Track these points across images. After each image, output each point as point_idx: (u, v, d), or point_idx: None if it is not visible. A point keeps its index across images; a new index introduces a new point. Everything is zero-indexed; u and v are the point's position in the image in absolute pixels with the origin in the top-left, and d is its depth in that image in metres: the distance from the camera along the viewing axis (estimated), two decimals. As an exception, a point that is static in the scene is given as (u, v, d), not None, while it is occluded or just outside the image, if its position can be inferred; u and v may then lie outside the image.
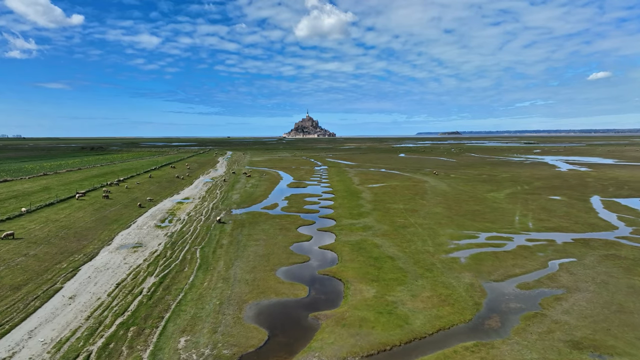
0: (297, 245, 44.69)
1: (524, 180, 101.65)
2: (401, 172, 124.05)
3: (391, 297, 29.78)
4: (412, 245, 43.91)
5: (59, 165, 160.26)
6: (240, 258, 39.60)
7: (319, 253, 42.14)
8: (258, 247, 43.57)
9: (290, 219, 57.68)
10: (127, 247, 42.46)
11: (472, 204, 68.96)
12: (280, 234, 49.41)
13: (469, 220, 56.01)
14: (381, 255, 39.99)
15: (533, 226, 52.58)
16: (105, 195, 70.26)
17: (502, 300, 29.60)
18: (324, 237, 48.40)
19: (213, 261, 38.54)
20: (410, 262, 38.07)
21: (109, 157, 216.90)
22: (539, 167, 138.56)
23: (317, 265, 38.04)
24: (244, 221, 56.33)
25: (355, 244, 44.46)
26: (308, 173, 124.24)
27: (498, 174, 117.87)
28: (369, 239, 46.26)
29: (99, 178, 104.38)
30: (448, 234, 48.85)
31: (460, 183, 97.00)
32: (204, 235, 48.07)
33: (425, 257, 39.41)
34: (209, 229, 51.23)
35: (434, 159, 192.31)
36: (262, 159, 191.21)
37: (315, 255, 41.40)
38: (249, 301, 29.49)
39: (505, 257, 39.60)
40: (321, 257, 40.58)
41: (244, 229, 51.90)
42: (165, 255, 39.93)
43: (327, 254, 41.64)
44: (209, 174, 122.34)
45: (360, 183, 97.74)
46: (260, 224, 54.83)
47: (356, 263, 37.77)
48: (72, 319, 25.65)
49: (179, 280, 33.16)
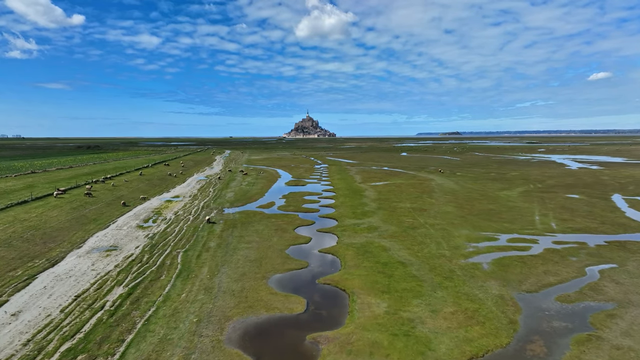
0: (294, 249, 39.39)
1: (535, 178, 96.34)
2: (405, 170, 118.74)
3: (407, 314, 24.47)
4: (424, 248, 38.59)
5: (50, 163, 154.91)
6: (228, 263, 34.31)
7: (319, 257, 36.83)
8: (250, 250, 38.28)
9: (288, 219, 52.39)
10: (100, 251, 37.15)
11: (484, 202, 63.65)
12: (275, 235, 44.12)
13: (484, 220, 50.72)
14: (391, 261, 34.68)
15: (557, 227, 47.26)
16: (88, 193, 64.99)
17: (542, 318, 24.28)
18: (324, 239, 43.10)
19: (196, 267, 33.24)
20: (425, 268, 32.76)
21: (104, 155, 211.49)
22: (547, 166, 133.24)
23: (316, 273, 32.72)
24: (236, 221, 51.04)
25: (360, 246, 39.15)
26: (307, 171, 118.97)
27: (506, 172, 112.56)
28: (376, 241, 40.96)
29: (90, 176, 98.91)
30: (464, 235, 43.55)
31: (468, 181, 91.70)
32: (190, 237, 42.78)
33: (442, 263, 34.10)
34: (196, 230, 45.94)
35: (437, 157, 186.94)
36: (260, 158, 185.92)
37: (315, 260, 36.09)
38: (233, 318, 24.19)
39: (534, 262, 34.30)
40: (321, 263, 35.26)
41: (235, 229, 46.62)
42: (141, 260, 34.61)
43: (329, 259, 36.33)
44: (204, 172, 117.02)
45: (362, 181, 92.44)
46: (254, 224, 49.55)
47: (362, 270, 32.46)
48: (5, 344, 20.33)
49: (151, 291, 27.85)
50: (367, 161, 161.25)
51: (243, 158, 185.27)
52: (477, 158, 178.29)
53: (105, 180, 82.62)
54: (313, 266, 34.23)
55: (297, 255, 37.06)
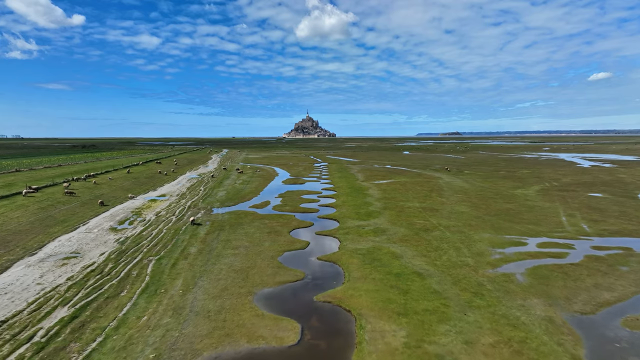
0: (288, 255, 33.43)
1: (548, 176, 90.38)
2: (409, 169, 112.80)
3: (433, 347, 18.52)
4: (443, 255, 32.64)
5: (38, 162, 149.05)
6: (209, 274, 28.37)
7: (317, 267, 30.87)
8: (236, 257, 32.32)
9: (283, 220, 46.45)
10: (56, 258, 31.18)
11: (501, 201, 57.70)
12: (268, 239, 38.17)
13: (505, 222, 44.79)
14: (404, 271, 28.72)
15: (590, 229, 41.30)
16: (69, 192, 59.00)
17: (613, 352, 18.35)
18: (324, 244, 37.14)
19: (168, 279, 27.29)
20: (447, 281, 26.81)
21: (98, 154, 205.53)
22: (558, 164, 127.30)
23: (314, 287, 26.76)
24: (224, 222, 45.09)
25: (367, 253, 33.19)
26: (307, 169, 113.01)
27: (516, 170, 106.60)
28: (384, 247, 34.99)
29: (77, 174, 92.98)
30: (486, 239, 37.59)
31: (477, 179, 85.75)
32: (168, 241, 36.81)
33: (467, 274, 28.16)
34: (177, 233, 39.98)
35: (441, 156, 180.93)
36: (258, 156, 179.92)
37: (313, 269, 30.13)
38: (203, 353, 18.26)
39: (578, 273, 28.36)
40: (321, 274, 29.30)
41: (222, 232, 40.66)
42: (102, 270, 28.64)
43: (329, 269, 30.37)
44: (197, 170, 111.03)
45: (365, 179, 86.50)
46: (245, 225, 43.61)
47: (370, 283, 26.51)
48: None
49: (104, 313, 21.89)
50: (368, 159, 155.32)
51: (240, 157, 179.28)
52: (482, 156, 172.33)
53: (88, 178, 76.71)
54: (310, 278, 28.26)
55: (291, 264, 31.10)
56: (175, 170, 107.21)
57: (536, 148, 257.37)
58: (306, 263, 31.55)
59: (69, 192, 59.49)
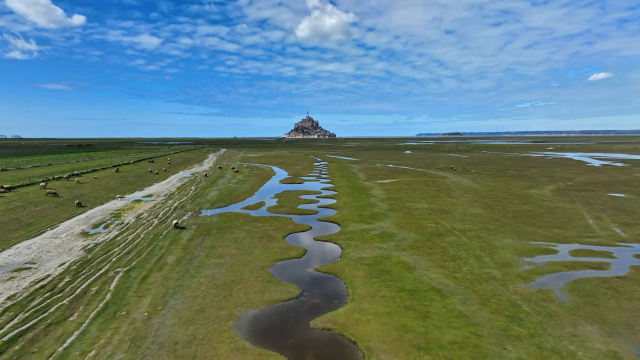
0: (281, 266, 28.57)
1: (560, 175, 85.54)
2: (412, 168, 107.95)
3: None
4: (463, 265, 27.79)
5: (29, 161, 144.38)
6: (184, 290, 23.52)
7: (315, 281, 26.00)
8: (220, 268, 27.47)
9: (278, 223, 41.59)
10: (5, 270, 26.28)
11: (516, 202, 52.86)
12: (259, 245, 33.31)
13: (526, 225, 39.95)
14: (420, 287, 23.86)
15: (626, 234, 36.42)
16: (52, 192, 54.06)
17: None
18: (323, 251, 32.29)
19: (134, 298, 22.44)
20: (473, 299, 21.96)
21: (92, 154, 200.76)
22: (567, 163, 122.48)
23: (311, 307, 21.90)
24: (212, 226, 40.25)
25: (374, 263, 28.33)
26: (306, 168, 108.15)
27: (524, 169, 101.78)
28: (393, 255, 30.13)
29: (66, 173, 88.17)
30: (509, 245, 32.74)
31: (486, 179, 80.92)
32: (144, 249, 31.96)
33: (495, 290, 23.31)
34: (156, 238, 35.12)
35: (444, 155, 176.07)
36: (256, 156, 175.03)
37: (310, 284, 25.27)
38: (158, 410, 13.39)
39: (629, 289, 23.50)
40: (319, 290, 24.43)
41: (208, 237, 35.81)
42: (54, 286, 23.77)
43: (329, 283, 25.50)
44: (191, 169, 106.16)
45: (367, 179, 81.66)
46: (235, 229, 38.76)
47: (380, 303, 21.65)
48: None
49: (39, 348, 17.02)
50: (369, 159, 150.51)
51: (238, 156, 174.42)
52: (486, 156, 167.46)
53: (71, 177, 71.80)
54: (306, 296, 23.39)
55: (284, 277, 26.25)
56: (168, 169, 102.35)
57: (540, 147, 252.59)
58: (302, 276, 26.67)
59: (51, 192, 54.64)
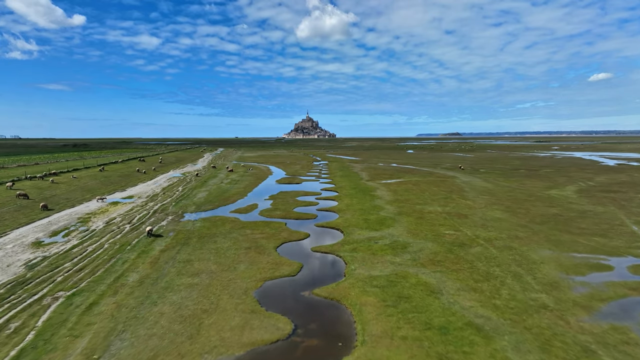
0: (270, 287, 22.63)
1: (577, 175, 79.67)
2: (417, 167, 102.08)
3: None
4: (500, 287, 21.85)
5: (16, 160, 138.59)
6: (137, 327, 17.58)
7: (313, 309, 20.01)
8: (191, 292, 21.54)
9: (270, 230, 35.66)
10: None
11: (540, 205, 46.97)
12: (245, 259, 27.38)
13: (561, 232, 34.04)
14: (452, 322, 17.91)
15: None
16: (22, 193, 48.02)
17: None
18: (324, 267, 26.34)
19: (66, 339, 16.50)
20: (529, 343, 16.02)
21: (85, 153, 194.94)
22: (579, 162, 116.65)
23: (307, 352, 15.95)
24: (192, 233, 34.32)
25: (387, 284, 22.38)
26: (305, 168, 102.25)
27: (536, 168, 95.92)
28: (410, 273, 24.19)
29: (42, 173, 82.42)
30: (549, 259, 26.83)
31: (499, 178, 75.06)
32: (102, 264, 26.02)
33: (553, 326, 17.37)
34: (122, 249, 29.19)
35: (448, 154, 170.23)
36: (254, 155, 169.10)
37: (306, 315, 19.29)
38: None
39: None
40: (318, 324, 18.45)
41: (185, 248, 29.88)
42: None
43: (331, 313, 19.53)
44: (183, 168, 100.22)
45: (370, 179, 75.79)
46: (219, 238, 32.84)
47: (402, 350, 15.69)
48: None
49: None
50: (371, 158, 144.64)
51: (235, 155, 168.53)
52: (492, 155, 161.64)
53: (47, 177, 65.87)
54: (300, 335, 17.40)
55: (273, 304, 20.30)
56: (158, 168, 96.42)
57: (545, 147, 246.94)
58: (296, 302, 20.73)
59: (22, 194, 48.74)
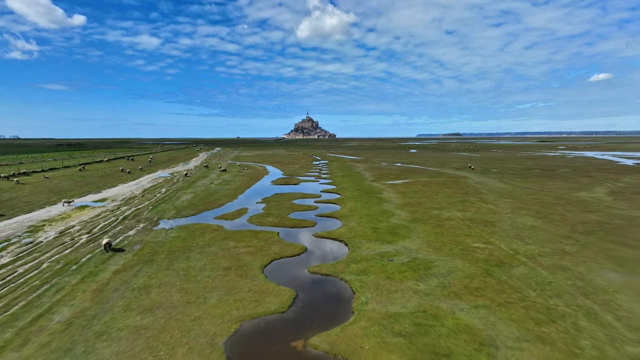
0: (249, 334, 16.00)
1: (599, 175, 73.14)
2: (424, 167, 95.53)
3: None
4: (577, 336, 15.27)
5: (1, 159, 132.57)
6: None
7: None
8: (134, 343, 14.94)
9: (258, 241, 29.09)
10: None
11: (575, 210, 40.41)
12: (221, 284, 20.81)
13: (618, 245, 27.49)
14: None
15: None
16: None
17: None
18: (324, 299, 19.68)
19: None
20: None
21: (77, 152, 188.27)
22: (595, 162, 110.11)
23: None
24: (161, 247, 27.74)
25: (415, 332, 15.75)
26: (304, 167, 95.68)
27: (552, 168, 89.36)
28: (444, 310, 17.59)
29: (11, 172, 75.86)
30: (621, 285, 20.26)
31: (515, 179, 68.52)
32: (28, 292, 19.44)
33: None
34: (64, 271, 22.61)
35: (453, 154, 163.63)
36: (251, 154, 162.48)
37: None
38: None
39: None
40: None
41: (147, 268, 23.32)
42: None
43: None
44: (173, 168, 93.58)
45: (374, 179, 69.25)
46: (193, 253, 26.28)
47: None
48: None
49: None
50: (373, 157, 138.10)
51: (232, 155, 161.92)
52: (499, 155, 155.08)
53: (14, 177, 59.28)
54: None
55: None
56: (145, 168, 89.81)
57: (552, 147, 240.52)
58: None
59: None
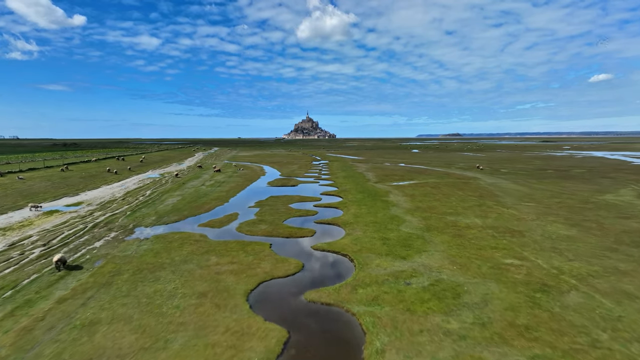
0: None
1: (618, 176, 68.37)
2: (430, 167, 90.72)
3: None
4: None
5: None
6: None
7: None
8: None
9: (246, 256, 24.23)
10: None
11: (609, 216, 35.59)
12: (191, 318, 15.96)
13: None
14: None
15: None
16: None
17: None
18: (325, 344, 14.79)
19: None
20: None
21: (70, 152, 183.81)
22: (607, 162, 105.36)
23: None
24: (129, 263, 22.91)
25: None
26: (303, 168, 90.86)
27: (565, 169, 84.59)
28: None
29: None
30: None
31: (529, 180, 63.73)
32: None
33: None
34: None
35: (457, 154, 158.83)
36: (249, 154, 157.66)
37: None
38: None
39: None
40: None
41: (101, 293, 18.50)
42: None
43: None
44: (165, 168, 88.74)
45: (378, 180, 64.43)
46: (164, 272, 21.46)
47: None
48: None
49: None
50: (375, 157, 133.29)
51: (229, 155, 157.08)
52: (504, 155, 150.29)
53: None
54: None
55: None
56: (135, 168, 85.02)
57: (556, 147, 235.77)
58: None
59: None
